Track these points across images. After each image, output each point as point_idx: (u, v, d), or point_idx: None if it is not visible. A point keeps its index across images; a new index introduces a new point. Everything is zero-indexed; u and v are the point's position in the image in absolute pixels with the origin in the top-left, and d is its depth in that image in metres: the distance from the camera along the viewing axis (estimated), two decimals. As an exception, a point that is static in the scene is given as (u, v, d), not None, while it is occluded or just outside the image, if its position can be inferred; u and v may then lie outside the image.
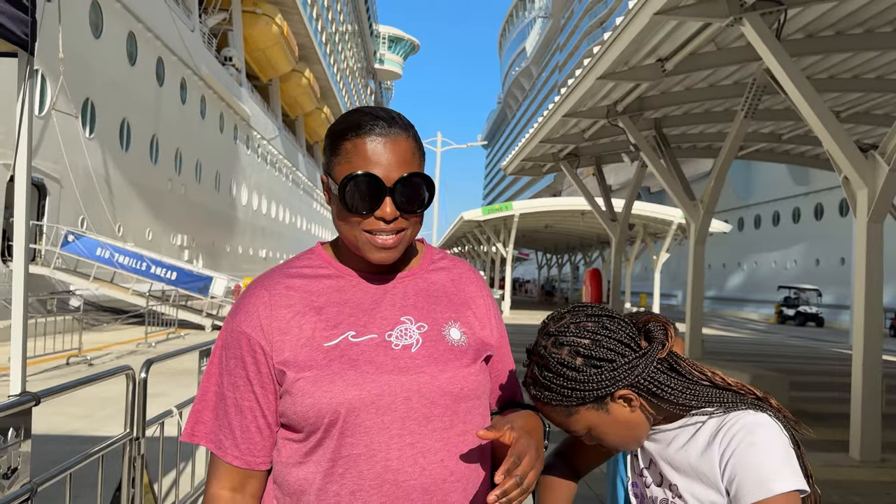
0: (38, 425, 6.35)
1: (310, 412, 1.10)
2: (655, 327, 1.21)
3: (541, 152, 14.56)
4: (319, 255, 1.25)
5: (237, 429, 1.15)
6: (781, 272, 41.26)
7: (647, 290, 40.78)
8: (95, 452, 2.78)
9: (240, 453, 1.15)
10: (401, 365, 1.13)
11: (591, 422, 1.18)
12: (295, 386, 1.11)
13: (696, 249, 10.33)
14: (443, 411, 1.14)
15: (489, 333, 1.28)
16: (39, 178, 17.78)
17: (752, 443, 1.10)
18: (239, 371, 1.15)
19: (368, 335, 1.15)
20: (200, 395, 1.19)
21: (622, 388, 1.15)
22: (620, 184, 54.82)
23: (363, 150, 1.11)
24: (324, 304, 1.17)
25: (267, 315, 1.15)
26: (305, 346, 1.13)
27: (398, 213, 1.13)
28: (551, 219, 30.44)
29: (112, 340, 13.97)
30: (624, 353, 1.15)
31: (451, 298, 1.26)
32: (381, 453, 1.10)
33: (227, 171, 34.62)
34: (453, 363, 1.17)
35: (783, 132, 13.01)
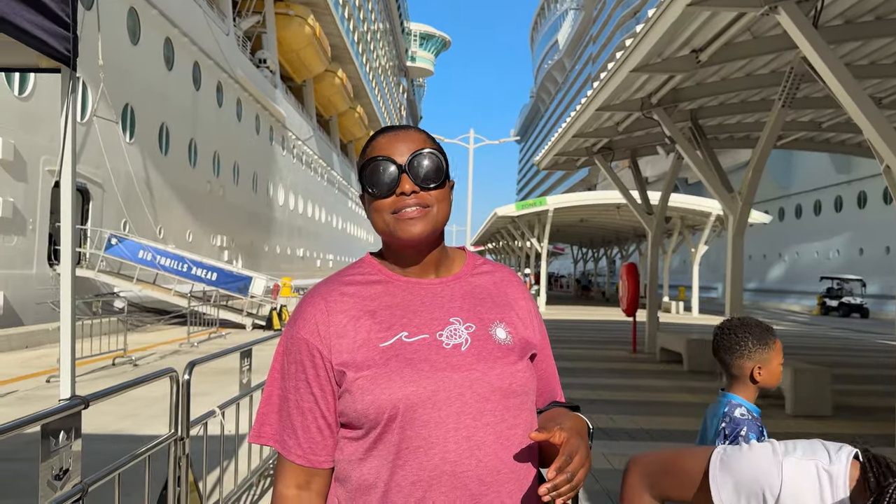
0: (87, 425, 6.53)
1: (370, 409, 1.17)
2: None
3: (574, 146, 14.47)
4: (369, 264, 1.33)
5: (299, 429, 1.23)
6: (824, 262, 40.35)
7: (685, 284, 40.26)
8: (142, 453, 2.87)
9: (303, 452, 1.23)
10: (453, 363, 1.20)
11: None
12: (354, 385, 1.18)
13: (735, 242, 10.17)
14: (494, 406, 1.20)
15: (532, 333, 1.34)
16: (82, 183, 18.24)
17: None
18: (299, 375, 1.23)
19: (421, 335, 1.21)
20: (265, 398, 1.28)
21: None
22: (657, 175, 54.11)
23: (378, 144, 1.25)
24: (376, 307, 1.25)
25: (324, 321, 1.23)
26: (362, 347, 1.20)
27: (417, 188, 1.21)
28: (586, 213, 30.21)
29: (156, 341, 14.29)
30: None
31: (495, 300, 1.32)
32: (439, 445, 1.16)
33: (263, 172, 35.10)
34: (502, 360, 1.23)
35: (823, 120, 12.73)
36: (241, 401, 4.38)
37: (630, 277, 13.71)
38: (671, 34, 7.65)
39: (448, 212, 1.28)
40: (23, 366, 10.49)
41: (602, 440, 6.51)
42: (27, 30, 2.04)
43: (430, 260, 1.30)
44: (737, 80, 10.18)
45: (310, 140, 45.72)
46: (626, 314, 13.83)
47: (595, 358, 12.84)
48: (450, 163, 1.29)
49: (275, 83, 37.44)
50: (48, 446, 2.08)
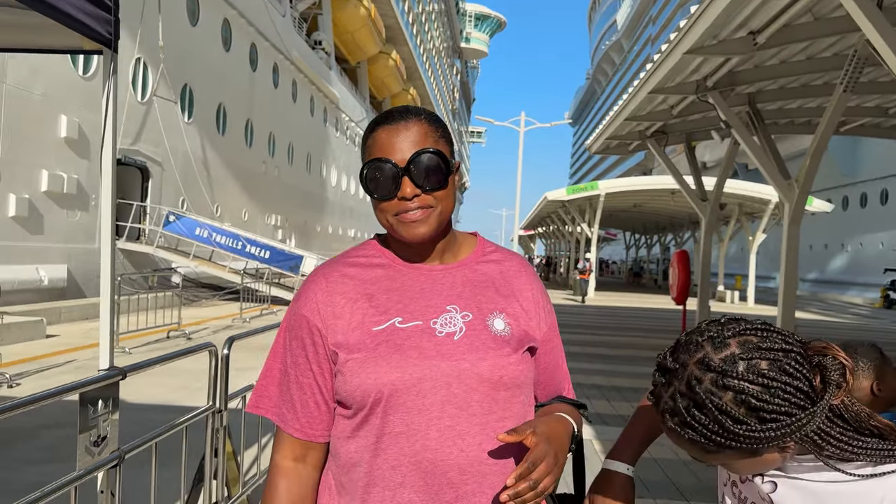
0: (139, 394, 6.77)
1: (356, 391, 1.18)
2: (832, 364, 1.01)
3: (626, 130, 14.21)
4: (373, 246, 1.34)
5: (297, 403, 1.26)
6: (889, 253, 38.80)
7: (743, 272, 39.29)
8: (180, 423, 2.97)
9: (300, 426, 1.26)
10: (443, 351, 1.19)
11: (730, 462, 1.04)
12: (345, 366, 1.20)
13: (790, 230, 9.87)
14: (482, 398, 1.19)
15: (536, 326, 1.31)
16: (143, 161, 18.79)
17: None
18: (299, 351, 1.26)
19: (414, 322, 1.22)
20: (266, 370, 1.30)
21: (792, 440, 0.99)
22: (715, 160, 52.78)
23: (377, 141, 1.21)
24: (375, 291, 1.25)
25: (324, 301, 1.25)
26: (356, 329, 1.21)
27: (418, 191, 1.19)
28: (639, 198, 29.71)
29: (209, 315, 14.70)
30: (802, 405, 0.97)
31: (499, 289, 1.30)
32: (421, 433, 1.17)
33: (317, 153, 35.54)
34: (494, 352, 1.21)
35: (890, 106, 12.19)
36: (281, 377, 4.48)
37: (681, 264, 13.47)
38: (727, 15, 7.41)
39: (453, 204, 1.27)
40: (84, 336, 10.94)
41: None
42: (70, 13, 2.10)
43: (435, 248, 1.30)
44: (797, 64, 9.82)
45: (363, 122, 46.06)
46: (675, 302, 13.60)
47: (640, 346, 12.68)
48: (454, 146, 1.28)
49: (329, 65, 37.76)
50: (86, 414, 2.17)
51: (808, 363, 1.02)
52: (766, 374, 0.97)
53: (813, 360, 1.03)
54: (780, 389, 0.97)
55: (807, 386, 0.99)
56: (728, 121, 10.40)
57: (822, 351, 1.04)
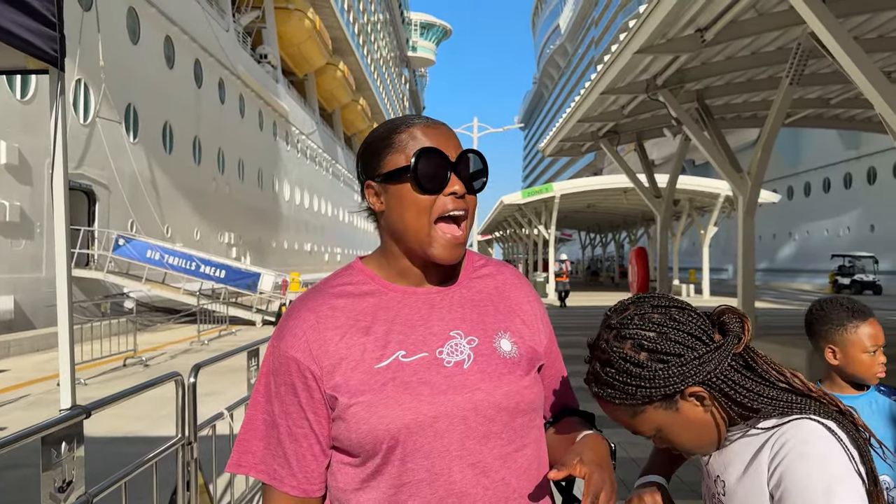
0: (98, 428, 6.50)
1: (366, 439, 1.07)
2: (731, 319, 1.12)
3: (579, 132, 14.34)
4: (361, 271, 1.21)
5: (292, 458, 1.13)
6: (835, 240, 40.06)
7: (696, 266, 40.04)
8: (149, 459, 2.82)
9: (297, 482, 1.13)
10: (455, 383, 1.10)
11: (659, 422, 1.10)
12: (348, 412, 1.08)
13: (745, 222, 10.06)
14: (501, 428, 1.12)
15: (539, 340, 1.24)
16: (88, 185, 18.25)
17: (804, 454, 1.02)
18: (290, 398, 1.12)
19: (419, 354, 1.11)
20: (247, 423, 1.16)
21: (693, 385, 1.06)
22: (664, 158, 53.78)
23: (421, 134, 1.12)
24: (370, 323, 1.13)
25: (315, 338, 1.12)
26: (356, 369, 1.09)
27: (464, 190, 1.12)
28: (593, 198, 30.07)
29: (166, 340, 14.30)
30: (694, 347, 1.06)
31: (498, 307, 1.21)
32: (444, 476, 1.07)
33: (268, 168, 35.06)
34: (507, 377, 1.13)
35: (831, 96, 12.55)
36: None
37: (639, 261, 13.63)
38: (675, 13, 7.52)
39: (473, 217, 1.20)
40: (35, 369, 10.51)
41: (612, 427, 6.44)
42: (11, 31, 1.97)
43: (428, 267, 1.18)
44: (743, 59, 10.04)
45: (313, 134, 45.66)
46: (636, 299, 13.75)
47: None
48: None
49: (276, 78, 37.34)
50: (49, 458, 2.02)
51: (705, 318, 1.12)
52: (657, 322, 1.08)
53: (714, 318, 1.14)
54: (671, 332, 1.07)
55: (700, 333, 1.08)
56: (679, 118, 10.57)
57: (723, 311, 1.14)
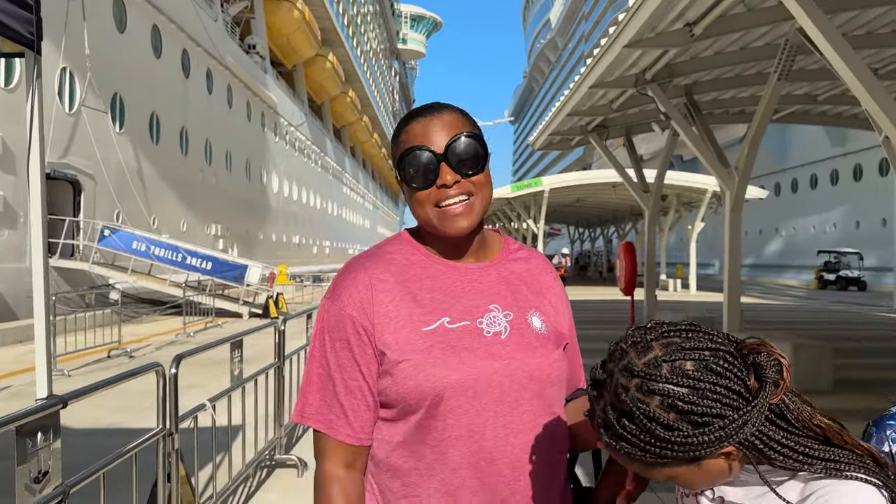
0: (79, 420, 6.44)
1: (412, 394, 1.16)
2: (767, 361, 0.96)
3: (568, 126, 14.34)
4: (408, 242, 1.31)
5: (348, 408, 1.21)
6: (821, 236, 40.34)
7: (683, 261, 40.22)
8: (128, 451, 2.78)
9: (352, 431, 1.21)
10: (493, 352, 1.20)
11: (675, 474, 0.98)
12: (397, 368, 1.17)
13: (732, 217, 10.09)
14: (531, 396, 1.21)
15: (563, 322, 1.35)
16: (73, 175, 18.07)
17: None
18: (345, 353, 1.21)
19: (462, 322, 1.21)
20: (305, 378, 1.26)
21: (728, 446, 0.94)
22: (652, 153, 53.91)
23: (412, 131, 1.21)
24: (417, 290, 1.23)
25: (368, 299, 1.21)
26: (404, 329, 1.19)
27: (458, 177, 1.19)
28: (582, 192, 30.12)
29: (151, 332, 14.21)
30: (736, 406, 0.92)
31: (531, 287, 1.32)
32: (479, 433, 1.17)
33: (256, 160, 34.86)
34: (539, 350, 1.24)
35: (819, 93, 12.60)
36: (233, 393, 4.30)
37: (627, 256, 13.63)
38: (664, 8, 7.51)
39: (490, 194, 1.27)
40: (16, 361, 10.40)
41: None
42: (-14, 11, 1.92)
43: (471, 244, 1.29)
44: (731, 54, 10.05)
45: (302, 126, 45.44)
46: (623, 293, 13.78)
47: (591, 338, 12.76)
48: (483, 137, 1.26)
49: (265, 69, 37.10)
50: (24, 448, 1.99)
51: (740, 362, 0.96)
52: (691, 375, 0.92)
53: (747, 358, 0.97)
54: (708, 390, 0.92)
55: (739, 385, 0.93)
56: (667, 112, 10.57)
57: (756, 349, 0.98)
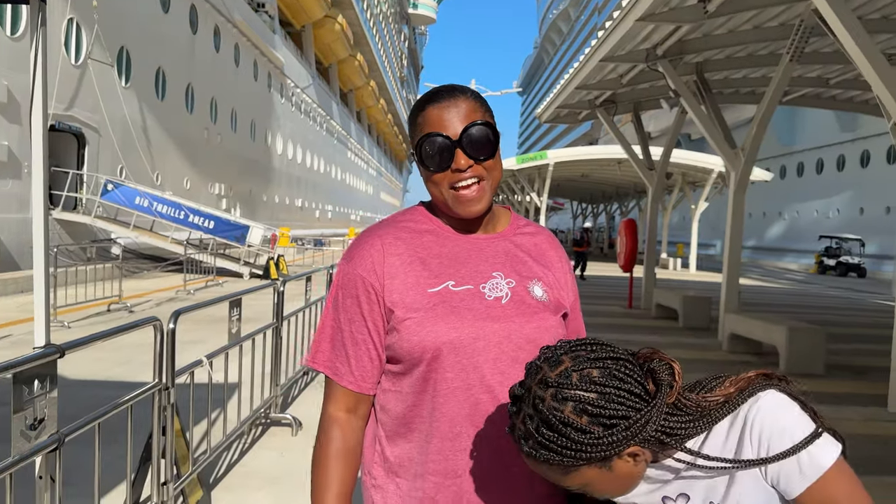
0: (79, 371, 6.53)
1: (416, 348, 1.28)
2: (660, 367, 1.10)
3: (576, 99, 14.23)
4: (421, 213, 1.43)
5: (352, 357, 1.33)
6: (824, 221, 40.23)
7: (684, 240, 40.19)
8: (124, 403, 2.82)
9: (354, 379, 1.33)
10: (493, 314, 1.30)
11: (589, 479, 1.08)
12: (403, 324, 1.29)
13: (735, 198, 10.06)
14: (527, 356, 1.28)
15: (565, 295, 1.45)
16: (78, 128, 18.00)
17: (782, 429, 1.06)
18: (354, 308, 1.33)
19: (466, 286, 1.32)
20: (319, 328, 1.39)
21: (634, 445, 1.06)
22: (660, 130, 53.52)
23: (429, 118, 1.31)
24: (426, 255, 1.35)
25: (380, 261, 1.33)
26: (411, 289, 1.30)
27: (472, 162, 1.29)
28: (587, 168, 29.96)
29: (152, 288, 14.28)
30: (636, 407, 1.04)
31: (536, 259, 1.43)
32: (476, 387, 1.28)
33: (262, 120, 34.66)
34: (538, 315, 1.34)
35: (831, 76, 12.48)
36: (231, 351, 4.34)
37: (628, 233, 13.63)
38: (679, -18, 7.41)
39: (500, 175, 1.37)
40: (19, 310, 10.48)
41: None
42: (-9, -43, 1.91)
43: (480, 220, 1.40)
44: (744, 33, 9.93)
45: (309, 88, 45.08)
46: (623, 270, 13.81)
47: (590, 313, 12.84)
48: (494, 119, 1.37)
49: (273, 28, 36.68)
50: (20, 395, 2.02)
51: (638, 369, 1.09)
52: (598, 381, 1.04)
53: (644, 366, 1.11)
54: (613, 394, 1.04)
55: (639, 389, 1.06)
56: (677, 89, 10.48)
57: (650, 356, 1.12)
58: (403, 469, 1.34)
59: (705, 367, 8.11)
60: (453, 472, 1.30)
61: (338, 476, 1.32)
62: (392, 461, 1.35)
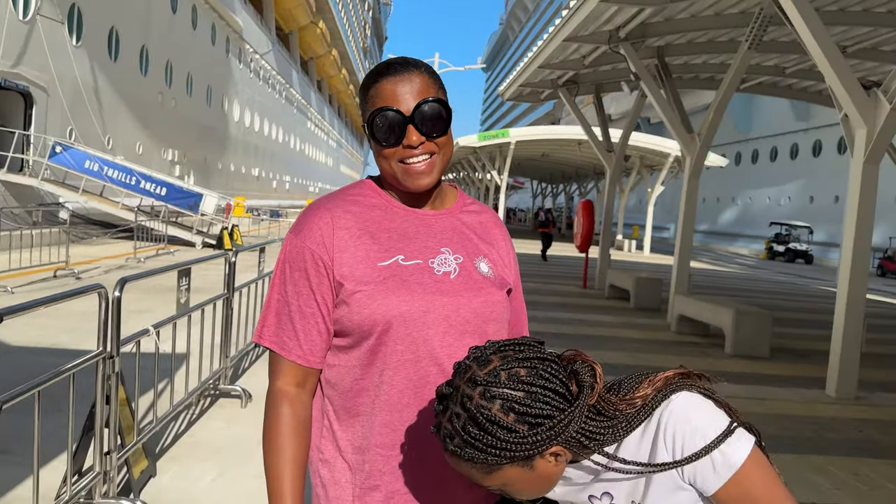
0: (24, 337, 6.34)
1: (366, 321, 1.27)
2: (583, 369, 1.11)
3: (539, 78, 14.23)
4: (370, 187, 1.42)
5: (300, 331, 1.32)
6: (775, 208, 41.26)
7: (640, 223, 40.83)
8: (66, 371, 2.75)
9: (302, 353, 1.32)
10: (442, 288, 1.32)
11: (510, 478, 1.08)
12: (352, 298, 1.28)
13: (690, 183, 10.23)
14: (474, 330, 1.33)
15: (508, 273, 1.47)
16: (25, 86, 17.34)
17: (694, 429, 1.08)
18: (302, 282, 1.32)
19: (415, 260, 1.33)
20: (266, 302, 1.38)
21: (556, 445, 1.07)
22: (621, 113, 54.03)
23: (382, 91, 1.29)
24: (375, 230, 1.35)
25: (329, 234, 1.32)
26: (361, 263, 1.30)
27: (423, 139, 1.29)
28: (548, 147, 30.11)
29: (101, 255, 13.92)
30: (561, 407, 1.05)
31: (481, 237, 1.45)
32: (425, 360, 1.29)
33: (218, 86, 33.87)
34: (485, 290, 1.36)
35: (787, 66, 12.71)
36: (179, 321, 4.26)
37: (586, 214, 13.76)
38: (644, -35, 7.42)
39: (451, 152, 1.37)
40: (-42, 274, 10.12)
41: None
42: None
43: (427, 195, 1.41)
44: (706, 18, 10.03)
45: (268, 54, 44.17)
46: (579, 250, 13.96)
47: (545, 292, 12.98)
48: (447, 95, 1.35)
49: (234, -8, 35.76)
50: (-46, 362, 1.94)
51: (563, 370, 1.10)
52: (525, 381, 1.05)
53: (568, 367, 1.13)
54: (539, 394, 1.04)
55: (563, 389, 1.07)
56: (638, 72, 10.55)
57: (573, 358, 1.14)
58: (351, 443, 1.34)
59: (655, 348, 8.29)
60: (400, 444, 1.31)
61: (291, 451, 1.30)
62: (340, 436, 1.35)
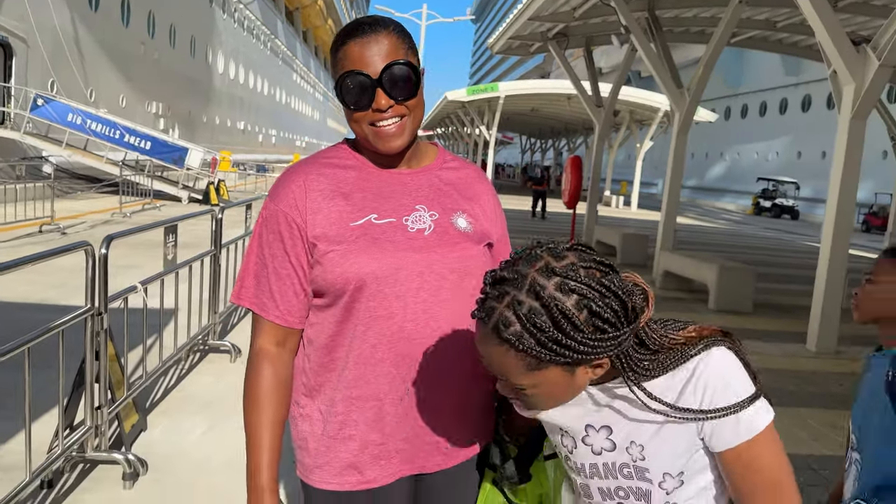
0: (12, 293, 6.33)
1: (338, 280, 1.31)
2: (635, 290, 1.07)
3: (529, 30, 14.04)
4: (345, 150, 1.43)
5: (276, 292, 1.35)
6: (763, 164, 41.34)
7: (629, 178, 40.83)
8: (55, 328, 2.77)
9: (280, 313, 1.36)
10: (415, 245, 1.33)
11: (547, 380, 1.04)
12: (326, 257, 1.31)
13: (678, 138, 10.21)
14: (451, 285, 1.35)
15: (491, 226, 1.48)
16: (4, 37, 16.93)
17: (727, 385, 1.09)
18: (277, 244, 1.35)
19: (388, 219, 1.34)
20: (244, 264, 1.41)
21: (607, 356, 1.03)
22: (611, 67, 53.50)
23: (350, 54, 1.29)
24: (350, 190, 1.36)
25: (302, 197, 1.34)
26: (335, 224, 1.32)
27: (392, 102, 1.29)
28: (538, 102, 29.86)
29: (86, 209, 13.81)
30: (628, 319, 1.02)
31: (461, 193, 1.46)
32: (398, 316, 1.32)
33: (202, 37, 33.16)
34: (460, 245, 1.37)
35: (778, 20, 12.60)
36: (166, 277, 4.27)
37: (574, 170, 13.72)
38: (636, -85, 7.28)
39: (423, 113, 1.37)
40: (-58, 229, 10.03)
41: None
42: None
43: (402, 155, 1.40)
44: (698, -29, 9.89)
45: (252, 4, 43.18)
46: (566, 206, 13.97)
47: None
48: (419, 55, 1.35)
49: (216, -61, 34.75)
50: (-57, 319, 1.96)
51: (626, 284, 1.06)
52: (603, 283, 1.01)
53: None
54: (612, 300, 1.00)
55: (628, 301, 1.03)
56: (628, 25, 10.44)
57: (627, 278, 1.10)
58: (326, 396, 1.37)
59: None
60: (374, 396, 1.34)
61: (271, 409, 1.34)
62: (316, 389, 1.39)
